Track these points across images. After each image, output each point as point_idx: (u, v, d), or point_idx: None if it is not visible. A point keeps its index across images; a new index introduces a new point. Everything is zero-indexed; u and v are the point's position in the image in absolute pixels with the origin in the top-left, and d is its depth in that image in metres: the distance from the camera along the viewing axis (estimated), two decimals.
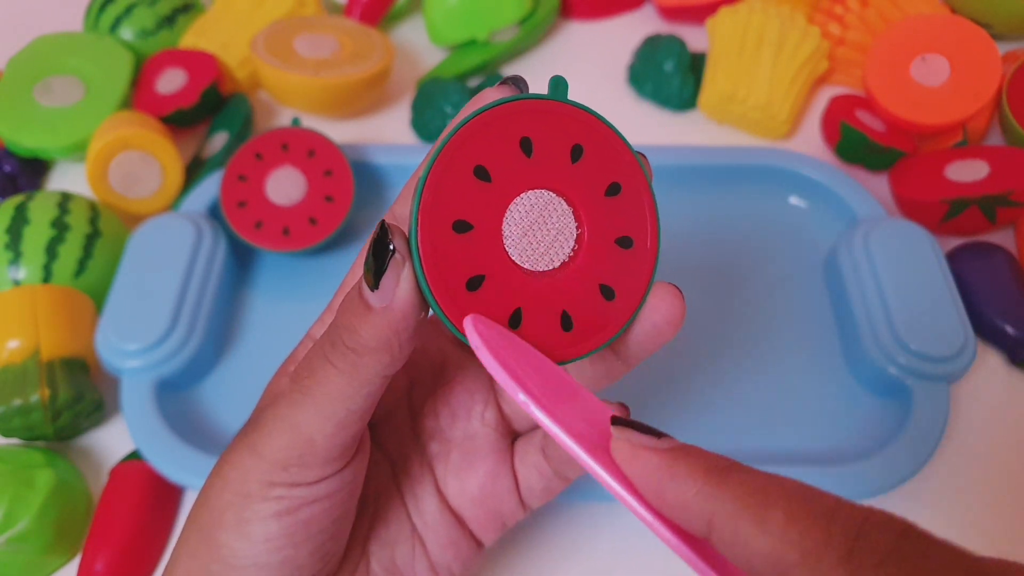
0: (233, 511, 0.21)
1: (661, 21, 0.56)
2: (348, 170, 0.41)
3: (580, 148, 0.20)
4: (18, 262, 0.38)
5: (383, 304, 0.19)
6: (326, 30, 0.50)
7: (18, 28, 0.54)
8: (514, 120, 0.20)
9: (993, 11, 0.50)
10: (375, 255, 0.19)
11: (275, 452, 0.20)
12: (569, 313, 0.20)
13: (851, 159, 0.47)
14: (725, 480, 0.16)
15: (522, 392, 0.18)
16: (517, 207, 0.20)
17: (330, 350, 0.20)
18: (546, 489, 0.26)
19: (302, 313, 0.41)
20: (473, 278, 0.19)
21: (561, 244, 0.20)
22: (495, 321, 0.19)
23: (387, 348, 0.19)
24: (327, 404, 0.20)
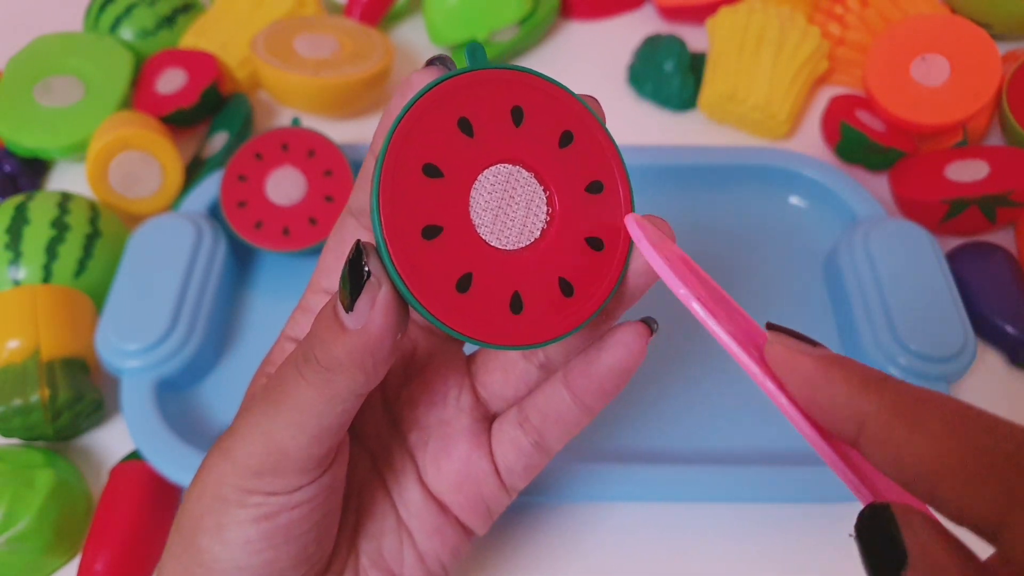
0: (211, 516, 0.21)
1: (661, 21, 0.56)
2: (348, 170, 0.41)
3: (519, 110, 0.20)
4: (18, 262, 0.38)
5: (357, 326, 0.18)
6: (326, 30, 0.50)
7: (18, 28, 0.54)
8: (444, 104, 0.19)
9: (993, 11, 0.50)
10: (350, 277, 0.18)
11: (248, 459, 0.20)
12: (566, 278, 0.20)
13: (851, 159, 0.47)
14: (881, 387, 0.16)
15: (684, 287, 0.18)
16: (478, 192, 0.19)
17: (303, 363, 0.20)
18: (527, 467, 0.25)
19: None
20: (461, 279, 0.19)
21: (535, 213, 0.20)
22: (496, 313, 0.19)
23: (361, 368, 0.19)
24: (298, 418, 0.20)
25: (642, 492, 0.33)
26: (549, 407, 0.24)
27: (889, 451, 0.15)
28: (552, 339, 0.20)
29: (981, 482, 0.14)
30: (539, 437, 0.25)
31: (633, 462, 0.34)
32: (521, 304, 0.19)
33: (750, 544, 0.34)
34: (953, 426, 0.15)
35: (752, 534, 0.34)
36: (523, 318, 0.19)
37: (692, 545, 0.34)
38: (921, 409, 0.15)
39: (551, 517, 0.35)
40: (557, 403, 0.24)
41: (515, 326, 0.19)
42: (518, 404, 0.25)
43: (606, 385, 0.23)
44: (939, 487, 0.15)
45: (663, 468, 0.33)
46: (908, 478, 0.15)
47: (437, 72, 0.20)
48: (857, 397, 0.16)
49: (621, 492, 0.33)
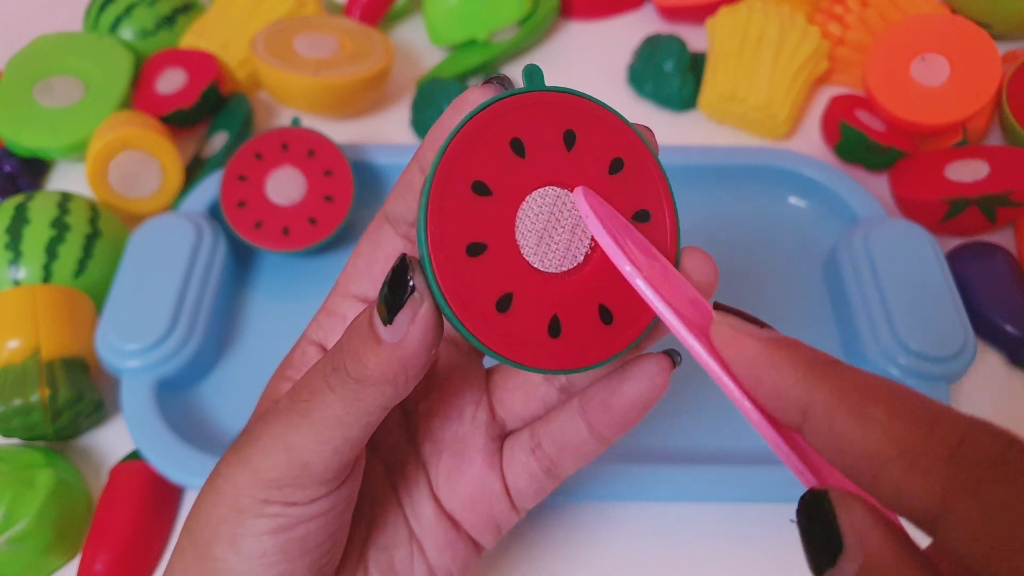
0: (227, 525, 0.21)
1: (661, 21, 0.56)
2: (348, 170, 0.41)
3: (572, 134, 0.20)
4: (18, 262, 0.38)
5: (395, 340, 0.18)
6: (326, 30, 0.50)
7: (18, 28, 0.54)
8: (498, 124, 0.19)
9: (993, 11, 0.50)
10: (392, 290, 0.18)
11: (269, 471, 0.20)
12: (606, 306, 0.20)
13: (851, 159, 0.47)
14: (826, 373, 0.16)
15: (629, 264, 0.18)
16: (525, 214, 0.19)
17: (331, 374, 0.19)
18: (537, 491, 0.25)
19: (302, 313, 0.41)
20: (501, 299, 0.19)
21: (580, 238, 0.19)
22: (534, 335, 0.19)
23: (392, 382, 0.19)
24: (324, 430, 0.20)
25: (642, 492, 0.33)
26: (564, 436, 0.24)
27: (831, 438, 0.15)
28: (588, 366, 0.19)
29: (920, 472, 0.14)
30: (551, 465, 0.25)
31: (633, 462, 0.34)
32: (560, 328, 0.19)
33: (750, 544, 0.34)
34: (896, 413, 0.15)
35: (752, 534, 0.34)
36: (560, 343, 0.19)
37: (692, 545, 0.34)
38: (865, 395, 0.15)
39: (551, 517, 0.35)
40: (572, 433, 0.24)
41: (552, 350, 0.19)
42: (530, 428, 0.25)
43: (625, 418, 0.23)
44: (879, 475, 0.14)
45: (663, 468, 0.33)
46: (849, 466, 0.15)
47: (494, 91, 0.20)
48: (801, 383, 0.16)
49: (621, 492, 0.33)
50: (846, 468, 0.15)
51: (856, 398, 0.15)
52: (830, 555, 0.14)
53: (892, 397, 0.15)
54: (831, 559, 0.14)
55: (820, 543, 0.15)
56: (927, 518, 0.14)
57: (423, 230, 0.18)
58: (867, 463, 0.15)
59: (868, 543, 0.14)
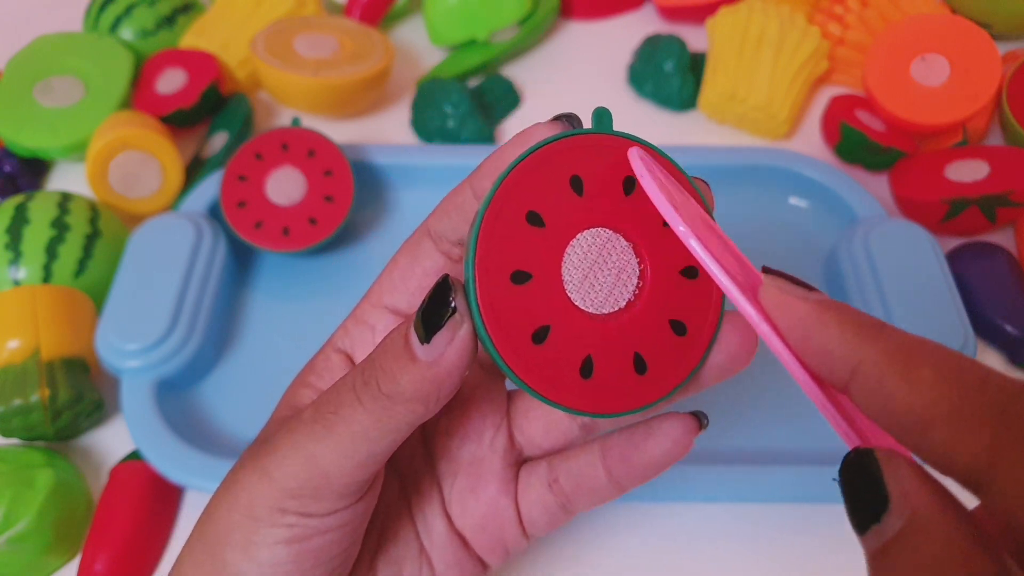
0: (241, 532, 0.20)
1: (661, 21, 0.56)
2: (348, 170, 0.41)
3: (632, 180, 0.20)
4: (18, 262, 0.38)
5: (431, 359, 0.18)
6: (326, 30, 0.50)
7: (18, 28, 0.54)
8: (561, 159, 0.19)
9: (993, 11, 0.50)
10: (432, 309, 0.18)
11: (287, 480, 0.20)
12: (642, 355, 0.19)
13: (851, 159, 0.47)
14: (875, 334, 0.16)
15: (683, 224, 0.18)
16: (574, 250, 0.19)
17: (362, 389, 0.19)
18: (549, 522, 0.25)
19: (302, 313, 0.41)
20: (538, 330, 0.19)
21: (624, 283, 0.19)
22: (565, 372, 0.19)
23: (423, 401, 0.19)
24: (349, 444, 0.19)
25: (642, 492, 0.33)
26: (582, 476, 0.24)
27: (879, 398, 0.15)
28: (613, 413, 0.19)
29: (969, 431, 0.14)
30: (566, 501, 0.25)
31: None
32: (592, 369, 0.19)
33: (750, 544, 0.34)
34: (945, 375, 0.15)
35: (752, 534, 0.34)
36: (590, 384, 0.19)
37: (692, 545, 0.34)
38: (914, 357, 0.15)
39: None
40: (591, 476, 0.24)
41: (580, 390, 0.19)
42: (548, 461, 0.25)
43: (645, 473, 0.23)
44: (927, 435, 0.15)
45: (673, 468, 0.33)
46: (897, 425, 0.15)
47: (560, 127, 0.20)
48: (850, 342, 0.16)
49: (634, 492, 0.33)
50: (893, 427, 0.15)
51: (905, 359, 0.15)
52: (875, 512, 0.15)
53: (941, 359, 0.15)
54: (876, 516, 0.14)
55: (864, 500, 0.15)
56: (973, 479, 0.14)
57: (471, 251, 0.18)
58: (915, 421, 0.15)
59: (914, 500, 0.14)
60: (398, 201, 0.45)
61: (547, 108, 0.51)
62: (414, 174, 0.45)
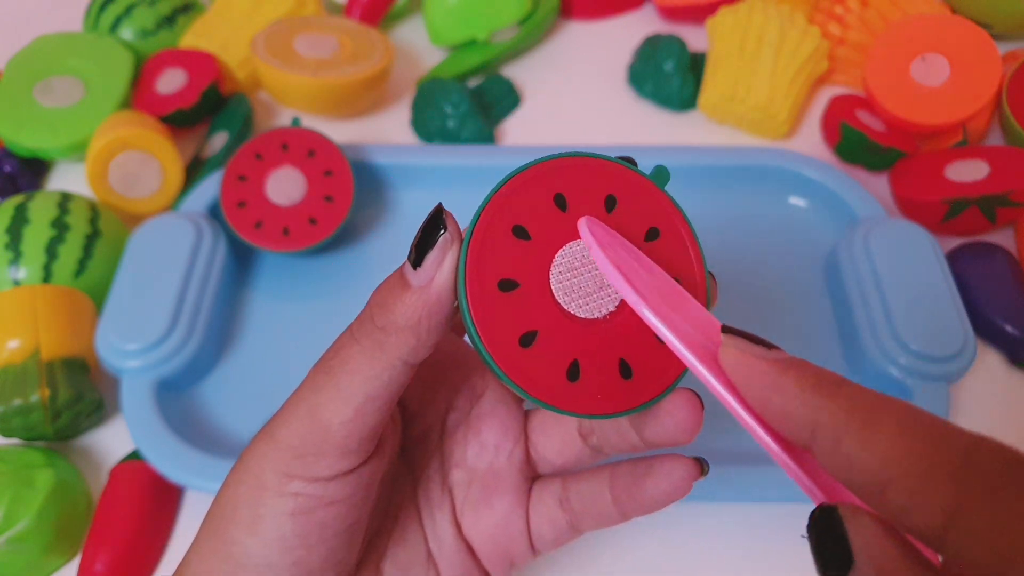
0: (248, 507, 0.21)
1: (661, 21, 0.56)
2: (348, 170, 0.41)
3: (613, 199, 0.21)
4: (18, 262, 0.38)
5: (422, 283, 0.19)
6: (326, 30, 0.50)
7: (18, 28, 0.54)
8: (545, 180, 0.20)
9: (993, 11, 0.50)
10: (425, 232, 0.19)
11: (291, 437, 0.20)
12: (627, 360, 0.20)
13: (851, 159, 0.47)
14: (833, 393, 0.16)
15: (634, 293, 0.18)
16: (562, 258, 0.20)
17: (357, 327, 0.20)
18: (557, 539, 0.26)
19: (302, 313, 0.41)
20: (525, 334, 0.20)
21: (609, 291, 0.20)
22: (552, 375, 0.20)
23: (414, 330, 0.20)
24: (347, 385, 0.20)
25: None
26: (591, 500, 0.25)
27: (839, 457, 0.16)
28: (598, 414, 0.20)
29: (926, 492, 0.14)
30: (575, 520, 0.25)
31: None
32: (578, 373, 0.20)
33: (750, 544, 0.34)
34: (903, 432, 0.15)
35: (752, 534, 0.34)
36: (577, 387, 0.20)
37: (691, 544, 0.34)
38: (872, 415, 0.15)
39: None
40: (599, 501, 0.24)
41: (568, 392, 0.20)
42: (562, 480, 0.25)
43: (646, 507, 0.24)
44: (887, 493, 0.15)
45: None
46: (858, 483, 0.15)
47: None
48: (808, 403, 0.16)
49: None
50: (854, 486, 0.16)
51: (864, 416, 0.15)
52: (841, 569, 0.15)
53: (898, 416, 0.15)
54: (842, 571, 0.15)
55: (831, 557, 0.15)
56: (934, 534, 0.14)
57: (462, 264, 0.19)
58: (874, 481, 0.15)
59: (878, 557, 0.14)
60: (398, 201, 0.45)
61: (547, 108, 0.51)
62: (414, 174, 0.45)
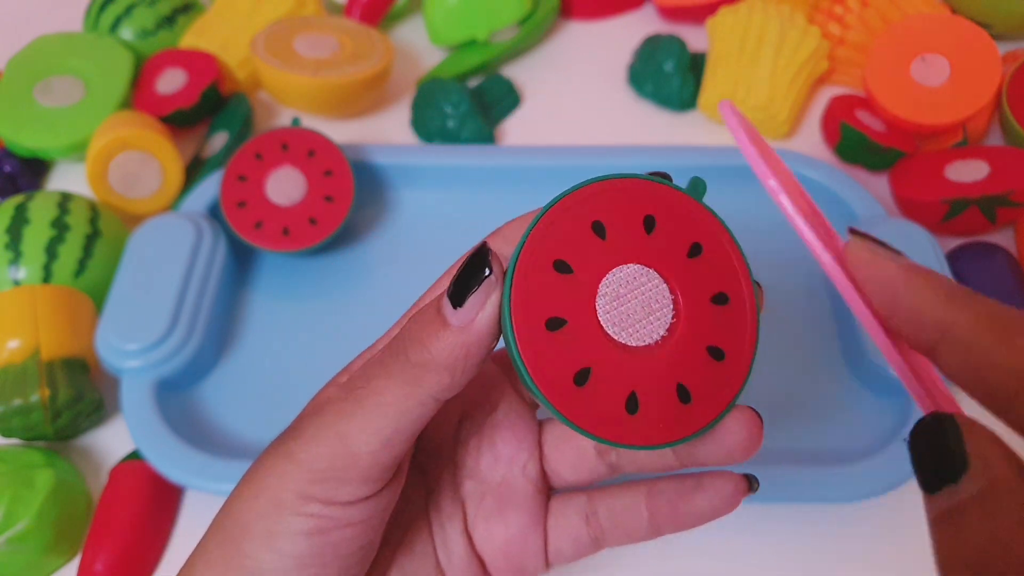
0: (264, 522, 0.20)
1: (661, 21, 0.56)
2: (348, 170, 0.41)
3: (652, 218, 0.20)
4: (18, 262, 0.38)
5: (462, 323, 0.19)
6: (326, 30, 0.50)
7: (18, 28, 0.54)
8: (582, 207, 0.20)
9: (993, 11, 0.50)
10: (468, 271, 0.19)
11: (315, 461, 0.20)
12: (684, 384, 0.20)
13: (851, 159, 0.47)
14: (968, 299, 0.16)
15: (774, 178, 0.18)
16: (606, 287, 0.20)
17: (391, 361, 0.20)
18: (576, 554, 0.25)
19: (302, 313, 0.41)
20: (579, 372, 0.19)
21: (659, 314, 0.20)
22: (611, 410, 0.19)
23: (451, 369, 0.19)
24: (378, 417, 0.20)
25: None
26: (623, 515, 0.24)
27: (971, 360, 0.16)
28: (665, 443, 0.20)
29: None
30: (601, 535, 0.25)
31: None
32: (637, 404, 0.19)
33: (750, 544, 0.34)
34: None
35: (752, 534, 0.34)
36: (637, 419, 0.19)
37: (692, 544, 0.34)
38: (1009, 325, 0.16)
39: None
40: (632, 517, 0.24)
41: (629, 425, 0.19)
42: (588, 496, 0.25)
43: (688, 522, 0.23)
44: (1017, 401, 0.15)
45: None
46: (986, 389, 0.15)
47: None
48: (943, 305, 0.16)
49: None
50: (982, 389, 0.16)
51: (999, 326, 0.16)
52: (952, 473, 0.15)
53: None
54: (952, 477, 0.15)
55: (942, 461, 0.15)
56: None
57: (507, 307, 0.19)
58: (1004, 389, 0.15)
59: (994, 467, 0.15)
60: (398, 201, 0.45)
61: (547, 108, 0.51)
62: (414, 174, 0.45)
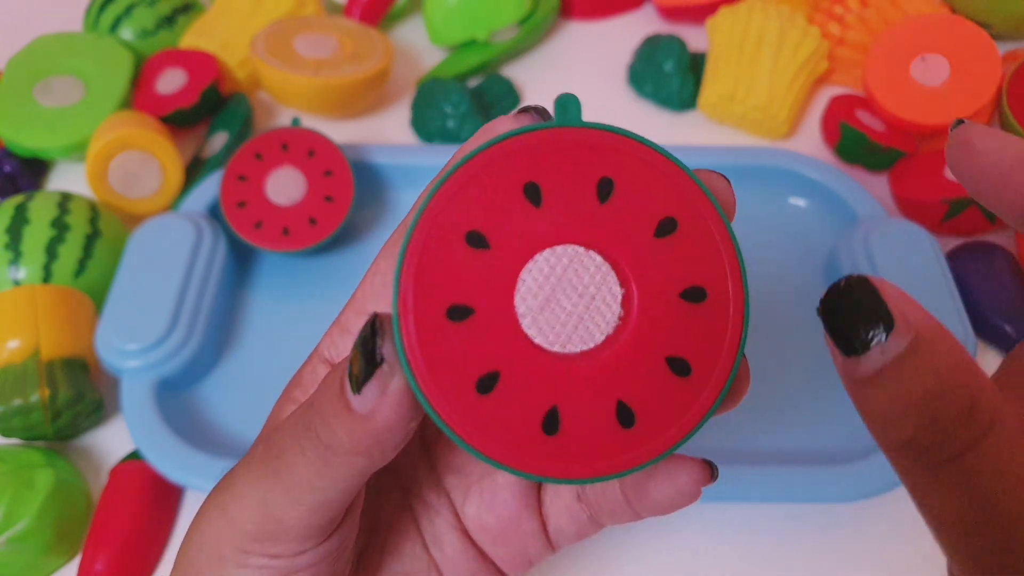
0: (211, 570, 0.19)
1: (661, 21, 0.56)
2: (348, 170, 0.41)
3: (609, 182, 0.16)
4: (18, 262, 0.38)
5: (364, 411, 0.16)
6: (326, 30, 0.50)
7: (18, 28, 0.54)
8: (511, 163, 0.16)
9: (993, 11, 0.50)
10: (362, 355, 0.16)
11: (244, 523, 0.19)
12: (627, 403, 0.16)
13: (851, 159, 0.47)
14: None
15: None
16: (530, 274, 0.15)
17: (303, 435, 0.17)
18: (578, 532, 0.24)
19: (302, 313, 0.41)
20: (484, 377, 0.15)
21: (600, 312, 0.16)
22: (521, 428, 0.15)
23: (366, 454, 0.17)
24: (296, 492, 0.18)
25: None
26: (604, 498, 0.23)
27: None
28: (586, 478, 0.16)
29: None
30: (595, 514, 0.23)
31: None
32: (557, 423, 0.15)
33: (750, 544, 0.34)
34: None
35: (752, 534, 0.34)
36: (557, 441, 0.15)
37: (692, 544, 0.34)
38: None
39: None
40: (613, 500, 0.22)
41: (545, 450, 0.15)
42: None
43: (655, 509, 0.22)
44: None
45: None
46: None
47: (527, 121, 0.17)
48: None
49: None
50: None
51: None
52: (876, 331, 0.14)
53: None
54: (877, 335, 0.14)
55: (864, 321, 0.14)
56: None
57: (396, 284, 0.15)
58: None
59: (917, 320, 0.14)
60: (398, 201, 0.45)
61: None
62: (414, 174, 0.45)
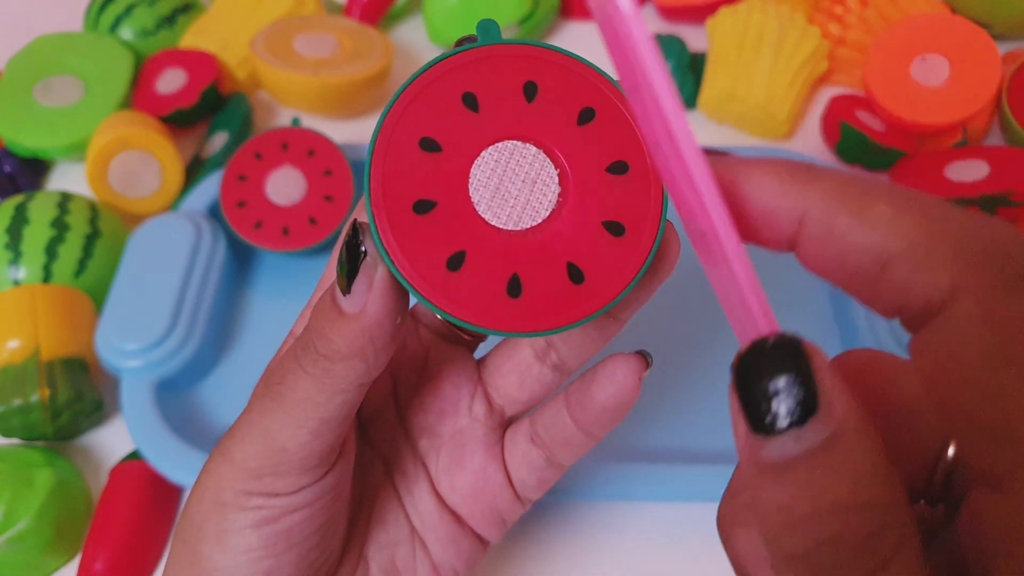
0: (212, 522, 0.20)
1: (661, 21, 0.56)
2: (348, 170, 0.41)
3: (533, 85, 0.19)
4: (18, 262, 0.38)
5: (355, 310, 0.18)
6: (326, 30, 0.50)
7: (18, 28, 0.54)
8: (450, 78, 0.18)
9: (993, 11, 0.50)
10: (347, 257, 0.18)
11: (247, 460, 0.20)
12: (576, 264, 0.18)
13: (851, 159, 0.47)
14: (816, 176, 0.15)
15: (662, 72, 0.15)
16: (479, 168, 0.18)
17: (302, 354, 0.19)
18: (540, 480, 0.25)
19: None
20: (453, 256, 0.18)
21: (541, 192, 0.18)
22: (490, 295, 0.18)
23: (361, 355, 0.18)
24: (298, 411, 0.19)
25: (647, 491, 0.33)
26: (555, 429, 0.24)
27: (833, 241, 0.14)
28: (552, 329, 0.18)
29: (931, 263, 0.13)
30: (549, 454, 0.24)
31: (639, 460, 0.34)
32: (520, 287, 0.18)
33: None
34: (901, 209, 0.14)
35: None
36: (522, 303, 0.18)
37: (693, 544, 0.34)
38: (865, 195, 0.14)
39: (556, 515, 0.35)
40: (562, 427, 0.24)
41: (512, 311, 0.18)
42: (530, 419, 0.25)
43: (603, 419, 0.23)
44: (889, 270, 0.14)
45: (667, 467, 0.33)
46: (852, 269, 0.14)
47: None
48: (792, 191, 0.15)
49: (623, 491, 0.33)
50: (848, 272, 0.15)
51: (855, 197, 0.14)
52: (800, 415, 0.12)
53: (893, 195, 0.14)
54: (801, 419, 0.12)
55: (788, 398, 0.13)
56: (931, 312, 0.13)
57: (367, 187, 0.18)
58: (874, 260, 0.14)
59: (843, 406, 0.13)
60: None
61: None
62: None
